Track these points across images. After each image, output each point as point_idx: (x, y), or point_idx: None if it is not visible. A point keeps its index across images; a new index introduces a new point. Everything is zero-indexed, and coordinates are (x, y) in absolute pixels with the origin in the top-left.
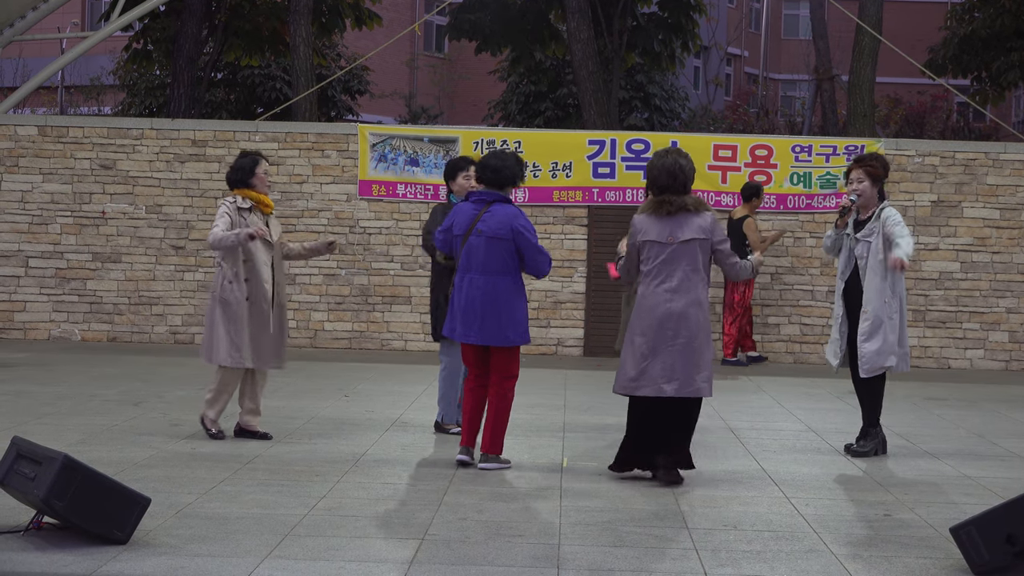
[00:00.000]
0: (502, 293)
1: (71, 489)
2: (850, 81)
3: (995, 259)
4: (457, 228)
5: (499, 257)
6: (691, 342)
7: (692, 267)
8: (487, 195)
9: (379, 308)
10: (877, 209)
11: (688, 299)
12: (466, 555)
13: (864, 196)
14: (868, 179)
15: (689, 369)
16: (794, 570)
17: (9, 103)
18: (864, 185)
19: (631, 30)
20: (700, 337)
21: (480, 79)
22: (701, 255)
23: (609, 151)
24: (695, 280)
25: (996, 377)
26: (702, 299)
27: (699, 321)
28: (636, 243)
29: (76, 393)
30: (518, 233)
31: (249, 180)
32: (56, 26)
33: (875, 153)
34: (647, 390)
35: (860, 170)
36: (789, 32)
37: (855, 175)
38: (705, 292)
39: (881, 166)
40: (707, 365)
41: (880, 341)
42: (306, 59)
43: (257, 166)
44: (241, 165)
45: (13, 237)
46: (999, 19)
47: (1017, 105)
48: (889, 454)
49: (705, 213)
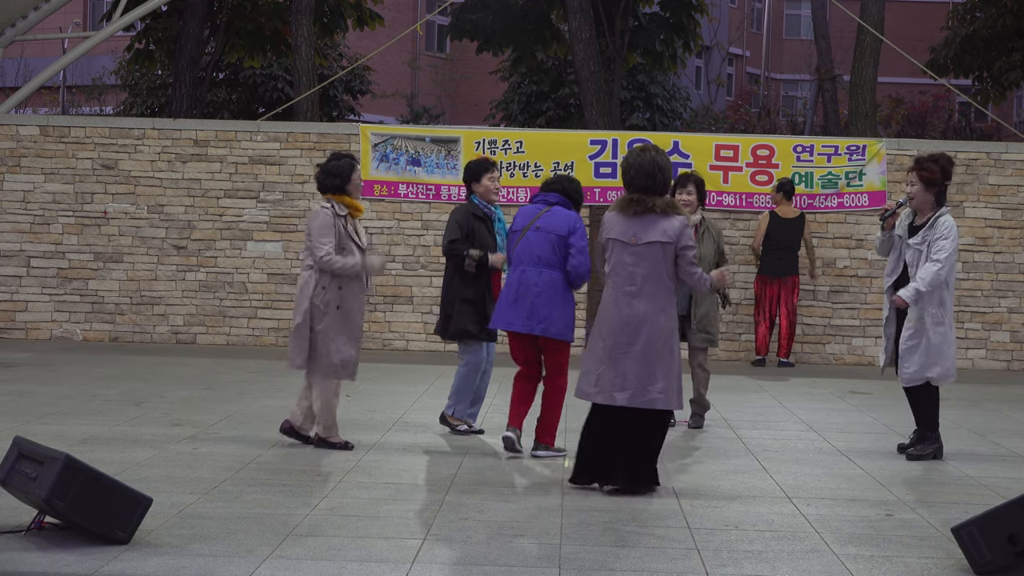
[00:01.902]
0: (553, 286)
1: (73, 489)
2: (852, 81)
3: (996, 259)
4: (515, 224)
5: (553, 252)
6: (648, 350)
7: (656, 271)
8: (552, 197)
9: (381, 308)
10: (933, 215)
11: (649, 304)
12: (468, 555)
13: (916, 200)
14: (920, 183)
15: (643, 378)
16: (796, 570)
17: (11, 103)
18: (915, 189)
19: (633, 30)
20: (659, 344)
21: (482, 79)
22: (665, 260)
23: (611, 151)
24: (658, 285)
25: (998, 377)
26: (664, 305)
27: (660, 327)
28: (602, 240)
29: (78, 393)
30: (574, 231)
31: (346, 186)
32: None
33: (936, 155)
34: (600, 397)
35: (914, 173)
36: (791, 32)
37: (909, 177)
38: (670, 298)
39: (939, 169)
40: (665, 375)
41: (921, 354)
42: (308, 59)
43: (353, 171)
44: (337, 170)
45: (15, 237)
46: (1001, 19)
47: (1019, 105)
48: (889, 454)
49: (674, 217)
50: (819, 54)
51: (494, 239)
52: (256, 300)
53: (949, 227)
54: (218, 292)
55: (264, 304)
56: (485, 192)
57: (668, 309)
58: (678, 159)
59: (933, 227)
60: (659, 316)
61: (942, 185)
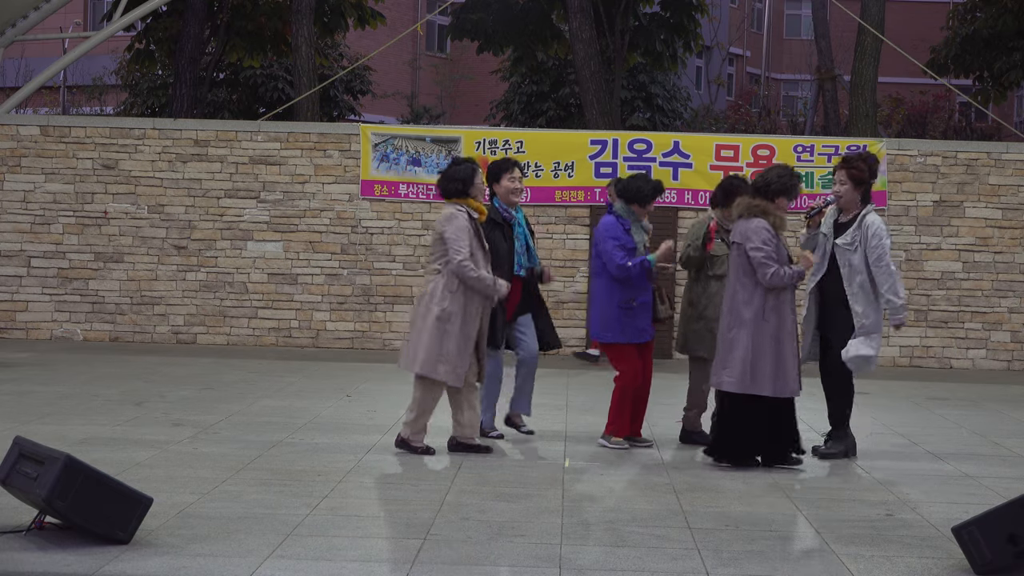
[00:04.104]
0: (594, 293)
1: (73, 489)
2: (852, 81)
3: (997, 259)
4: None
5: (596, 260)
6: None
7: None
8: (609, 206)
9: (381, 308)
10: (860, 213)
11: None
12: (468, 555)
13: (843, 199)
14: (850, 182)
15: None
16: (796, 570)
17: (11, 103)
18: (844, 188)
19: (633, 30)
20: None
21: (482, 79)
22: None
23: (611, 151)
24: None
25: (998, 377)
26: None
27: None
28: (772, 245)
29: (78, 393)
30: (598, 234)
31: (469, 190)
32: (58, 26)
33: (863, 154)
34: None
35: (843, 171)
36: (791, 32)
37: (837, 176)
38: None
39: (867, 168)
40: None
41: (873, 348)
42: (308, 59)
43: (475, 175)
44: (459, 174)
45: (15, 237)
46: (1001, 19)
47: (1019, 105)
48: (890, 454)
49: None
50: (819, 54)
51: (511, 245)
52: (256, 300)
53: (877, 227)
54: (218, 292)
55: (264, 304)
56: (505, 193)
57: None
58: (678, 159)
59: (860, 226)
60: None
61: (868, 184)
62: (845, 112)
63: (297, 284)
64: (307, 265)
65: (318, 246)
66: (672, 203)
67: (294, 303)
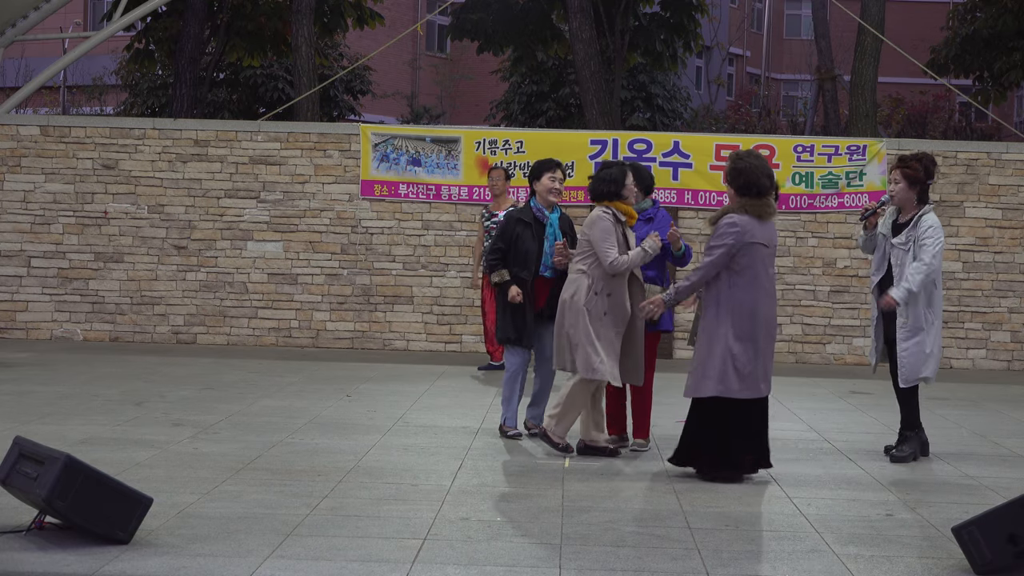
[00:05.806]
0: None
1: (73, 489)
2: (852, 81)
3: (997, 259)
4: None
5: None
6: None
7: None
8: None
9: (381, 308)
10: (916, 214)
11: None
12: (468, 555)
13: (897, 198)
14: (904, 181)
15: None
16: (796, 570)
17: (11, 103)
18: (899, 187)
19: (633, 30)
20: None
21: (482, 79)
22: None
23: (611, 151)
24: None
25: (998, 377)
26: None
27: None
28: (737, 244)
29: (78, 393)
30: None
31: (621, 192)
32: (58, 26)
33: (919, 154)
34: (748, 392)
35: (897, 171)
36: (791, 32)
37: (892, 175)
38: None
39: (922, 168)
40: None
41: (917, 355)
42: (308, 59)
43: (626, 177)
44: (612, 177)
45: (15, 237)
46: (1001, 19)
47: (1019, 105)
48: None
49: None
50: (819, 54)
51: (540, 245)
52: (256, 300)
53: (931, 227)
54: (218, 292)
55: (264, 304)
56: (543, 191)
57: None
58: (678, 159)
59: (916, 226)
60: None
61: (924, 183)
62: (845, 112)
63: (297, 284)
64: (307, 265)
65: (318, 246)
66: (672, 203)
67: (294, 303)
